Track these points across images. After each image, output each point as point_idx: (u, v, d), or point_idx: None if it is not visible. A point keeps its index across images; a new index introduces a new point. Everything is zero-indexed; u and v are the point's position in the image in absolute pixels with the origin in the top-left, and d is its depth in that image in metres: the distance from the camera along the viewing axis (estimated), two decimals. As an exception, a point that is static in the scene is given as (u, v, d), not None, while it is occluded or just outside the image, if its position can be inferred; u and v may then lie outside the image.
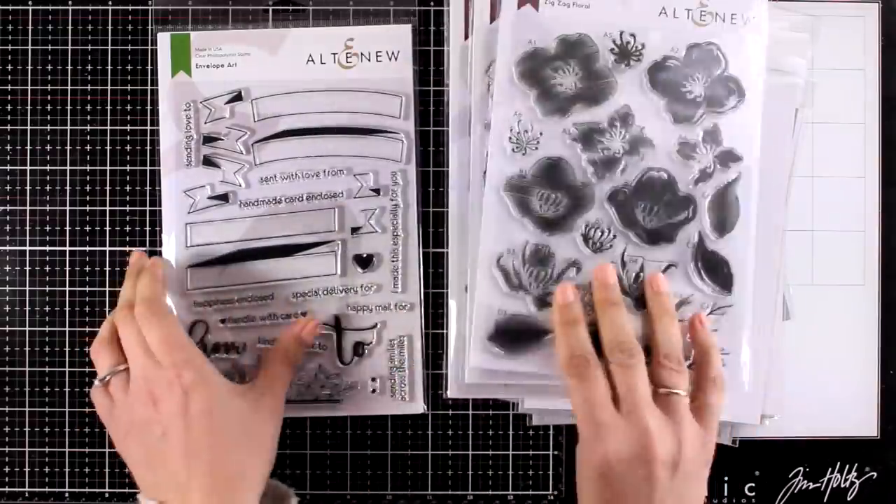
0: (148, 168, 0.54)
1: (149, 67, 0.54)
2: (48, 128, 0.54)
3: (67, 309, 0.54)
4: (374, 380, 0.53)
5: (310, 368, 0.53)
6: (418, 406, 0.53)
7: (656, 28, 0.50)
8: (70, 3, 0.54)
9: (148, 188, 0.54)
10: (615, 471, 0.44)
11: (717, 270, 0.50)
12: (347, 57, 0.53)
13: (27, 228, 0.54)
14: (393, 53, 0.53)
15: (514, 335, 0.50)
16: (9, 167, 0.54)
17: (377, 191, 0.53)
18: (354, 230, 0.53)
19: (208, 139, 0.53)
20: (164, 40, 0.53)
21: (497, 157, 0.50)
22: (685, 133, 0.50)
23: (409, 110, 0.53)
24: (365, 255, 0.52)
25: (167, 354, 0.45)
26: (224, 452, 0.45)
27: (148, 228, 0.54)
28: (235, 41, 0.53)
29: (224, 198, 0.53)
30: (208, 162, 0.53)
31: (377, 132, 0.53)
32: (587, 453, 0.45)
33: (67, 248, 0.54)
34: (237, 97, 0.53)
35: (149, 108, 0.54)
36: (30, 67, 0.54)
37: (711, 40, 0.50)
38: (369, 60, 0.53)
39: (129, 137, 0.54)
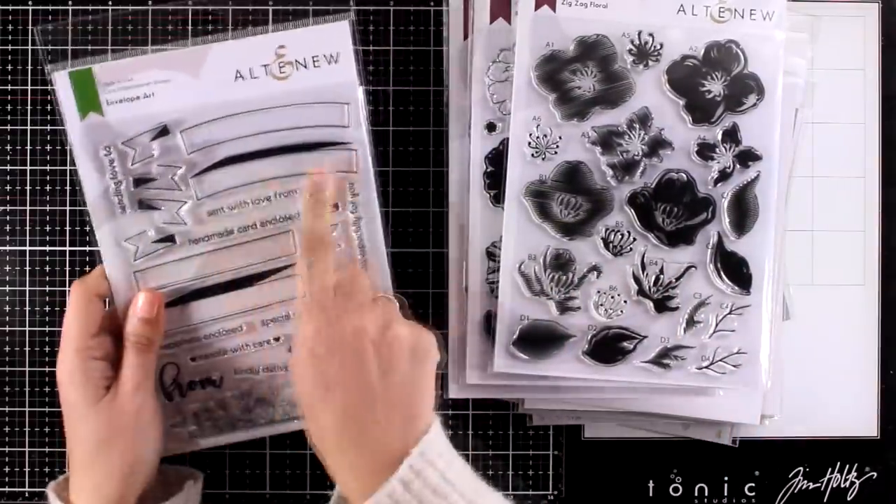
0: (148, 168, 0.54)
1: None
2: (48, 128, 0.54)
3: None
4: None
5: (292, 388, 0.50)
6: None
7: (675, 27, 0.50)
8: (70, 3, 0.54)
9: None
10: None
11: (736, 270, 0.50)
12: (280, 67, 0.48)
13: (27, 228, 0.54)
14: (332, 56, 0.48)
15: (537, 340, 0.50)
16: (9, 167, 0.54)
17: (336, 206, 0.49)
18: None
19: (139, 181, 0.48)
20: (62, 79, 0.47)
21: (517, 163, 0.50)
22: (704, 133, 0.50)
23: (358, 116, 0.48)
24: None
25: None
26: (90, 460, 0.46)
27: (148, 228, 0.54)
28: (147, 67, 0.47)
29: (170, 239, 0.49)
30: (144, 205, 0.48)
31: (326, 145, 0.49)
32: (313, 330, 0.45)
33: (67, 248, 0.54)
34: (163, 131, 0.48)
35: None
36: (30, 67, 0.54)
37: (730, 38, 0.50)
38: (306, 67, 0.48)
39: (129, 137, 0.54)
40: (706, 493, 0.55)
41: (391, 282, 0.50)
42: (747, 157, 0.50)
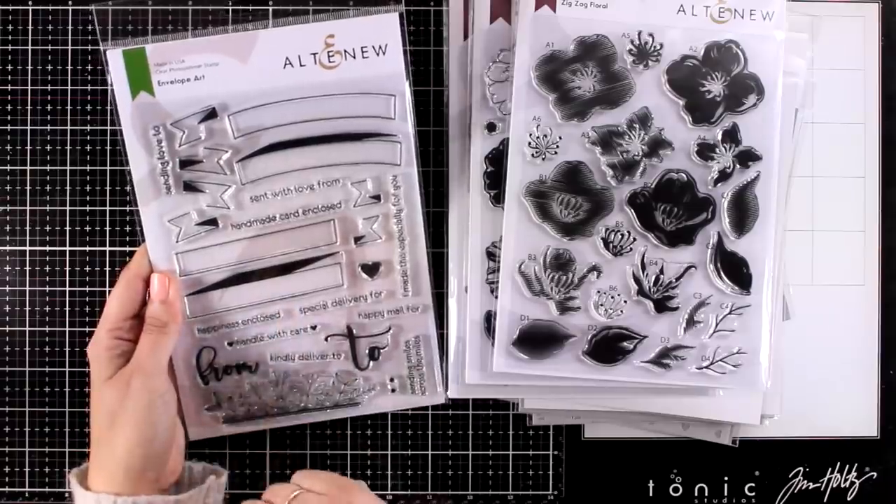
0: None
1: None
2: (48, 128, 0.54)
3: (67, 309, 0.54)
4: (392, 380, 0.52)
5: (326, 377, 0.52)
6: (439, 397, 0.52)
7: (675, 27, 0.50)
8: (70, 3, 0.54)
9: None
10: None
11: (736, 270, 0.50)
12: (329, 56, 0.48)
13: (27, 228, 0.54)
14: (380, 47, 0.48)
15: (537, 340, 0.50)
16: (9, 167, 0.54)
17: (377, 197, 0.50)
18: (357, 239, 0.50)
19: (186, 163, 0.49)
20: (115, 58, 0.48)
21: (517, 163, 0.50)
22: (704, 133, 0.50)
23: (405, 109, 0.49)
24: (371, 264, 0.51)
25: None
26: (98, 442, 0.46)
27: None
28: (199, 50, 0.48)
29: (213, 222, 0.49)
30: (189, 187, 0.49)
31: (371, 136, 0.49)
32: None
33: (67, 248, 0.54)
34: (211, 114, 0.48)
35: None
36: (30, 67, 0.54)
37: (730, 38, 0.50)
38: (354, 58, 0.48)
39: (129, 137, 0.54)
40: (706, 493, 0.55)
41: (429, 284, 0.51)
42: (747, 158, 0.50)
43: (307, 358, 0.51)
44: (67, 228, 0.54)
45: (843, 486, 0.55)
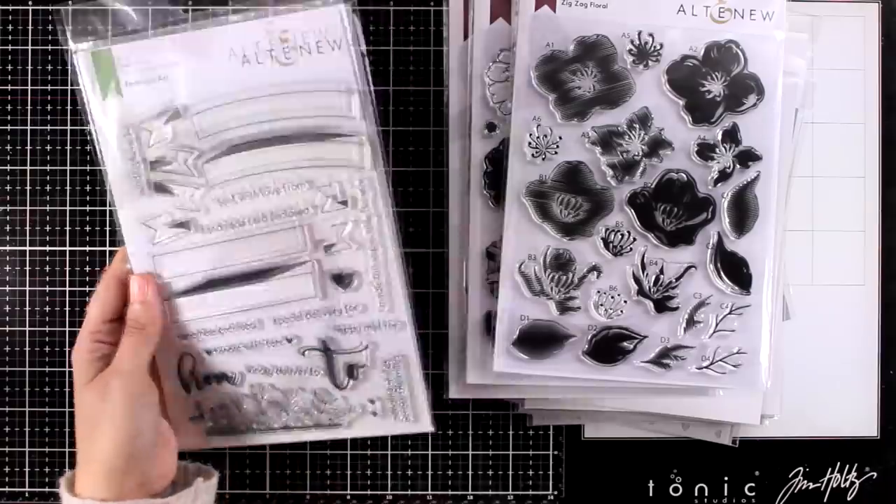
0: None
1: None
2: (48, 128, 0.54)
3: (67, 309, 0.54)
4: (372, 402, 0.50)
5: (306, 394, 0.50)
6: (425, 425, 0.51)
7: (675, 27, 0.50)
8: (70, 3, 0.54)
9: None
10: None
11: (736, 270, 0.50)
12: (286, 52, 0.47)
13: (27, 228, 0.54)
14: (335, 42, 0.47)
15: (537, 340, 0.50)
16: (9, 167, 0.54)
17: (345, 202, 0.48)
18: (328, 248, 0.48)
19: (155, 163, 0.48)
20: (85, 59, 0.47)
21: (517, 163, 0.50)
22: (704, 133, 0.50)
23: (367, 108, 0.47)
24: (343, 274, 0.49)
25: None
26: (80, 446, 0.46)
27: (148, 228, 0.54)
28: (161, 50, 0.47)
29: (185, 225, 0.48)
30: (161, 188, 0.48)
31: (333, 136, 0.48)
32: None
33: (67, 248, 0.54)
34: (175, 114, 0.47)
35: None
36: (30, 67, 0.54)
37: (730, 38, 0.50)
38: (310, 53, 0.47)
39: (129, 137, 0.54)
40: (706, 493, 0.55)
41: (404, 300, 0.49)
42: (747, 158, 0.50)
43: (285, 372, 0.50)
44: (67, 228, 0.54)
45: (843, 486, 0.55)
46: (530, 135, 0.50)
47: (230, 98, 0.47)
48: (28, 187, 0.54)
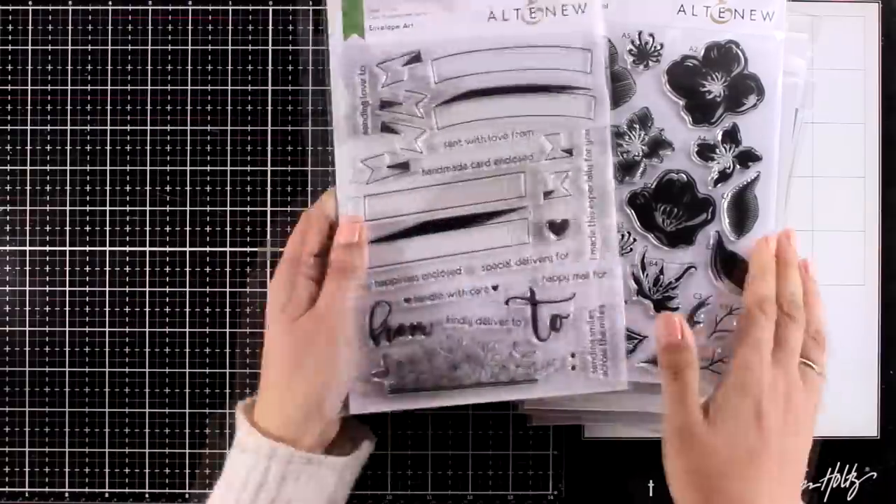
0: (148, 168, 0.54)
1: (148, 68, 0.54)
2: (48, 128, 0.54)
3: (67, 309, 0.54)
4: (573, 355, 0.49)
5: (503, 346, 0.49)
6: (621, 382, 0.49)
7: (675, 27, 0.50)
8: (70, 3, 0.54)
9: (148, 188, 0.54)
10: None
11: (736, 271, 0.50)
12: (531, 12, 0.49)
13: (27, 228, 0.54)
14: (579, 6, 0.49)
15: None
16: (9, 167, 0.54)
17: (569, 151, 0.49)
18: (546, 194, 0.49)
19: (385, 104, 0.49)
20: (334, 3, 0.50)
21: None
22: (704, 134, 0.50)
23: (599, 65, 0.49)
24: (559, 221, 0.49)
25: None
26: (278, 382, 0.46)
27: (148, 228, 0.54)
28: (411, 0, 0.50)
29: (405, 166, 0.49)
30: (386, 128, 0.49)
31: (566, 89, 0.49)
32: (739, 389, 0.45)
33: (67, 248, 0.54)
34: (415, 58, 0.49)
35: (148, 107, 0.54)
36: (30, 67, 0.54)
37: (731, 38, 0.50)
38: (554, 15, 0.49)
39: (129, 137, 0.54)
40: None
41: (617, 248, 0.49)
42: (747, 158, 0.50)
43: (486, 322, 0.49)
44: (67, 228, 0.54)
45: (843, 486, 0.55)
46: None
47: (471, 47, 0.49)
48: (28, 187, 0.54)
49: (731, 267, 0.50)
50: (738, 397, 0.45)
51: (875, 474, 0.55)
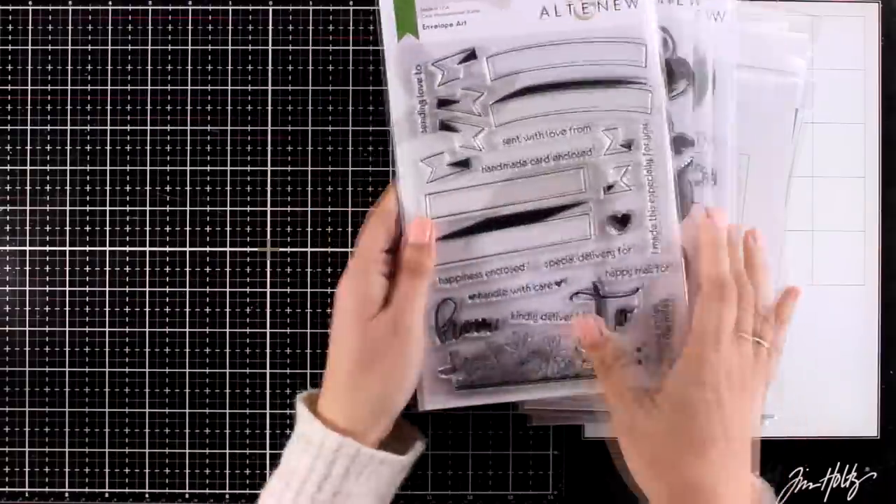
0: (148, 168, 0.54)
1: (148, 68, 0.54)
2: (48, 128, 0.54)
3: (67, 309, 0.54)
4: (639, 349, 0.49)
5: (570, 341, 0.49)
6: None
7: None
8: (70, 3, 0.55)
9: (148, 188, 0.54)
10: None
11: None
12: (584, 7, 0.49)
13: (27, 228, 0.54)
14: (631, 0, 0.49)
15: None
16: (9, 167, 0.54)
17: (628, 145, 0.49)
18: (607, 189, 0.49)
19: (443, 102, 0.49)
20: (386, 3, 0.50)
21: None
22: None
23: (654, 58, 0.49)
24: (621, 215, 0.49)
25: None
26: (350, 378, 0.46)
27: (148, 228, 0.54)
28: None
29: (465, 164, 0.49)
30: (445, 126, 0.49)
31: (623, 83, 0.49)
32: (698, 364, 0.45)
33: (67, 248, 0.54)
34: (471, 55, 0.49)
35: (148, 107, 0.54)
36: (30, 67, 0.54)
37: (662, 24, 0.50)
38: (607, 9, 0.49)
39: (129, 137, 0.54)
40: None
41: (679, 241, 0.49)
42: (680, 143, 0.50)
43: (551, 317, 0.49)
44: (67, 228, 0.54)
45: (843, 486, 0.55)
46: None
47: (525, 43, 0.49)
48: (28, 187, 0.54)
49: None
50: (696, 391, 0.44)
51: (875, 474, 0.55)
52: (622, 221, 0.49)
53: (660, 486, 0.45)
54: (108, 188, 0.54)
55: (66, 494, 0.54)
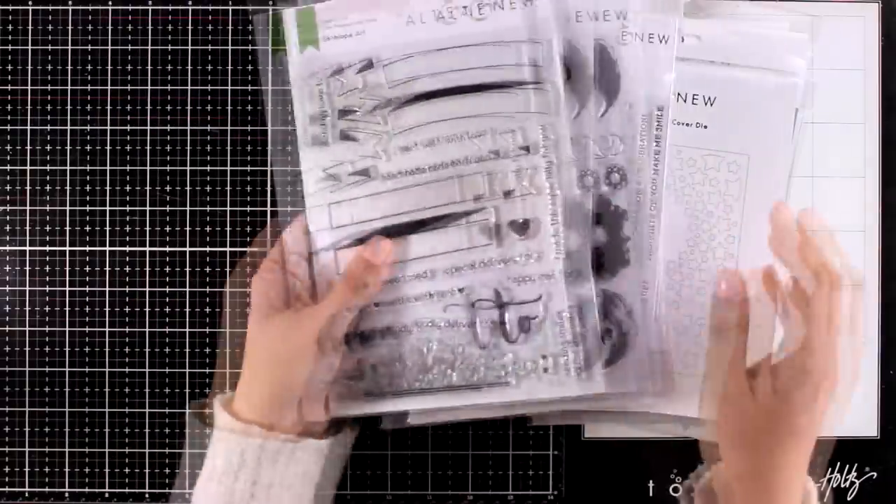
0: (148, 168, 0.54)
1: (148, 68, 0.54)
2: (48, 128, 0.54)
3: (67, 309, 0.54)
4: (544, 357, 0.49)
5: (474, 349, 0.49)
6: (598, 385, 0.49)
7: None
8: (70, 3, 0.55)
9: (148, 188, 0.54)
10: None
11: None
12: (480, 8, 0.49)
13: (27, 228, 0.54)
14: None
15: None
16: (9, 167, 0.54)
17: (527, 148, 0.49)
18: (507, 193, 0.49)
19: (343, 112, 0.50)
20: (290, 17, 0.50)
21: None
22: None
23: (551, 58, 0.49)
24: (521, 220, 0.49)
25: None
26: (249, 370, 0.48)
27: (148, 228, 0.54)
28: (361, 8, 0.50)
29: (365, 173, 0.50)
30: (346, 136, 0.50)
31: (517, 85, 0.49)
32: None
33: (67, 248, 0.54)
34: (368, 65, 0.50)
35: (148, 107, 0.54)
36: (30, 67, 0.54)
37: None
38: (503, 9, 0.49)
39: (129, 137, 0.54)
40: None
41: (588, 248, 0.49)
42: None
43: (454, 325, 0.49)
44: (67, 228, 0.54)
45: (843, 486, 0.55)
46: None
47: (418, 49, 0.49)
48: (28, 187, 0.54)
49: None
50: (803, 381, 0.44)
51: (875, 474, 0.55)
52: (522, 227, 0.49)
53: (740, 454, 0.45)
54: (108, 188, 0.54)
55: (66, 494, 0.54)
